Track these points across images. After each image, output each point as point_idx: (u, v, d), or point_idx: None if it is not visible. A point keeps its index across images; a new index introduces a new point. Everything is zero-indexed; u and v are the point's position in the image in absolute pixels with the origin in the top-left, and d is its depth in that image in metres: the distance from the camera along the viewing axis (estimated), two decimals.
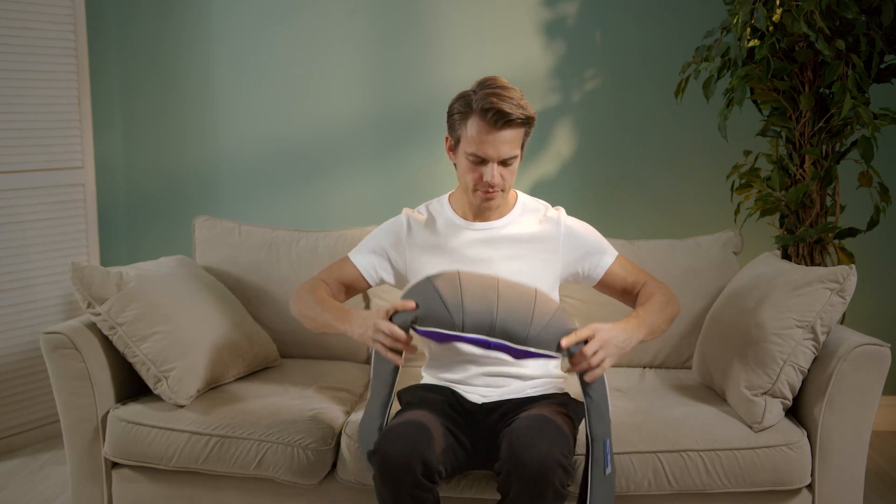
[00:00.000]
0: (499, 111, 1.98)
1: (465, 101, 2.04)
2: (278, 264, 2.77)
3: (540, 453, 1.78)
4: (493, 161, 2.03)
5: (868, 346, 2.10)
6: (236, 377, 2.51)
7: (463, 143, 2.05)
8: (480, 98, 2.00)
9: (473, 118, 2.02)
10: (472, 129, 2.02)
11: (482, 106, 1.99)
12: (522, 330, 1.83)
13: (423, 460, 1.79)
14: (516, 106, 1.99)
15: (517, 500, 1.80)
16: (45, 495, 2.72)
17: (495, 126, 1.99)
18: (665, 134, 3.24)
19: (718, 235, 2.72)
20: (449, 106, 2.09)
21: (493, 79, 2.06)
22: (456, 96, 2.08)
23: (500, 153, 2.02)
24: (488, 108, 1.98)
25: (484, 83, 2.05)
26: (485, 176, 2.04)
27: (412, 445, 1.80)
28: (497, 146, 2.01)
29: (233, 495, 2.25)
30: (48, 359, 2.29)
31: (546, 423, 1.88)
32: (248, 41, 3.38)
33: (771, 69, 2.54)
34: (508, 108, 1.98)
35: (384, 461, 1.81)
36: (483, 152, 2.02)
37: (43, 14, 3.03)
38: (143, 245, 3.46)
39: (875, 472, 2.81)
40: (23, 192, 3.03)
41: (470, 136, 2.02)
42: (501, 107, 1.97)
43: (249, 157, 3.43)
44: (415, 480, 1.79)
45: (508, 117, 1.98)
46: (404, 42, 3.31)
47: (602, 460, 1.94)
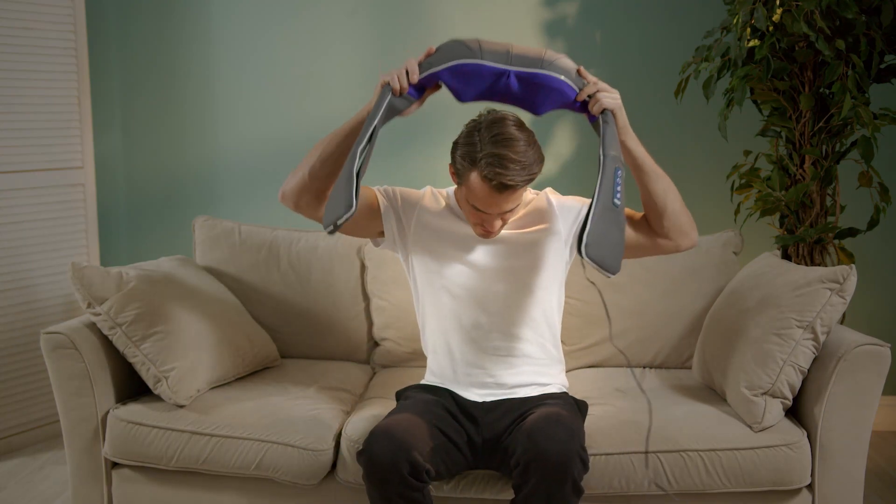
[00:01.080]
0: (502, 184, 1.89)
1: (471, 152, 1.92)
2: (278, 264, 2.77)
3: (560, 444, 1.77)
4: (493, 214, 1.98)
5: (868, 346, 2.10)
6: (236, 377, 2.51)
7: (465, 189, 1.97)
8: (485, 161, 1.88)
9: (475, 177, 1.92)
10: (475, 186, 1.93)
11: (485, 173, 1.89)
12: (537, 56, 1.94)
13: (410, 460, 1.79)
14: (521, 170, 1.88)
15: (535, 493, 1.79)
16: (45, 495, 2.72)
17: (498, 192, 1.91)
18: (665, 134, 3.24)
19: (718, 235, 2.72)
20: (454, 143, 1.99)
21: (501, 126, 1.92)
22: (463, 133, 1.97)
23: (501, 210, 1.97)
24: (491, 178, 1.88)
25: (491, 130, 1.92)
26: (485, 224, 2.00)
27: (398, 445, 1.80)
28: (499, 206, 1.95)
29: (233, 495, 2.25)
30: (48, 359, 2.29)
31: (561, 417, 1.88)
32: (248, 41, 3.38)
33: (771, 69, 2.54)
34: (511, 178, 1.88)
35: (371, 462, 1.81)
36: (485, 209, 1.96)
37: (43, 14, 3.03)
38: (143, 245, 3.46)
39: (875, 472, 2.81)
40: (23, 192, 3.03)
41: (472, 190, 1.94)
42: (504, 179, 1.87)
43: (249, 157, 3.42)
44: (402, 480, 1.79)
45: (512, 187, 1.90)
46: (404, 42, 3.31)
47: (611, 186, 1.90)
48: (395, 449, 1.80)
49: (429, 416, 1.97)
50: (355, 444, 2.11)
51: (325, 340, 2.75)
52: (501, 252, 2.12)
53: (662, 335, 2.62)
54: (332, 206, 1.88)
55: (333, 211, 1.86)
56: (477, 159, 1.90)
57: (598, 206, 1.86)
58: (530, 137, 1.94)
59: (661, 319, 2.62)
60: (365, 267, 2.76)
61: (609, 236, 1.86)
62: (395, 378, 2.57)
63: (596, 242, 1.84)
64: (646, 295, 2.63)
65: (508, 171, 1.87)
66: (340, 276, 2.74)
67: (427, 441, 1.88)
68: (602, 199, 1.87)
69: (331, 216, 1.87)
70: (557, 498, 1.78)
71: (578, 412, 2.10)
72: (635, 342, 2.63)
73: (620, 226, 1.90)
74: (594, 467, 2.05)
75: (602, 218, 1.86)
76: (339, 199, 1.85)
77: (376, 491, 1.83)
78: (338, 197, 1.86)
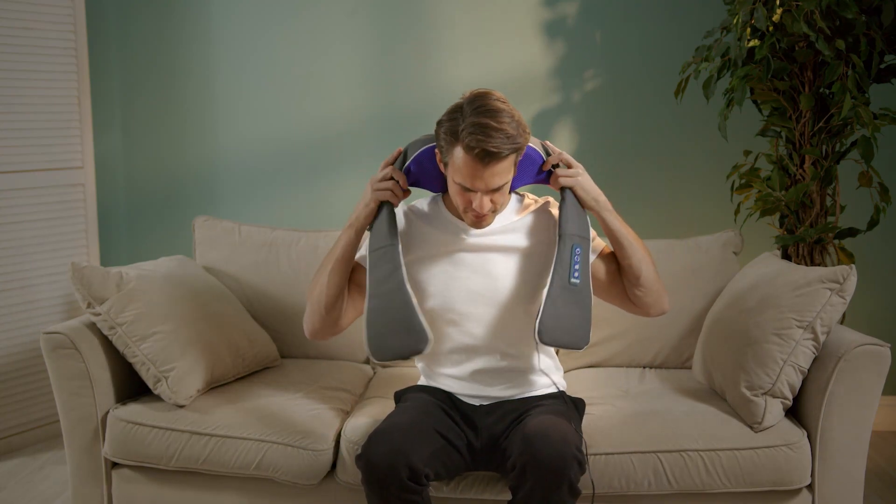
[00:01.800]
0: (485, 151, 1.83)
1: (453, 127, 1.88)
2: (278, 264, 2.77)
3: (556, 446, 1.77)
4: (481, 192, 1.92)
5: (868, 346, 2.10)
6: (236, 377, 2.51)
7: (451, 170, 1.93)
8: (467, 130, 1.84)
9: (459, 150, 1.87)
10: (459, 160, 1.88)
11: (468, 143, 1.84)
12: None
13: (408, 464, 1.79)
14: (505, 138, 1.84)
15: (532, 495, 1.79)
16: (45, 495, 2.72)
17: (482, 163, 1.86)
18: (665, 134, 3.24)
19: (718, 235, 2.72)
20: (437, 123, 1.95)
21: (483, 99, 1.89)
22: (446, 113, 1.94)
23: (488, 185, 1.90)
24: (474, 147, 1.84)
25: (473, 104, 1.88)
26: (473, 203, 1.93)
27: (397, 449, 1.80)
28: (486, 180, 1.89)
29: (233, 495, 2.25)
30: (48, 359, 2.29)
31: (558, 420, 1.88)
32: (248, 41, 3.38)
33: (771, 69, 2.54)
34: (496, 145, 1.83)
35: (369, 466, 1.81)
36: (471, 185, 1.90)
37: (43, 14, 3.03)
38: (143, 245, 3.46)
39: (875, 472, 2.80)
40: (23, 192, 3.03)
41: (457, 167, 1.90)
42: (487, 146, 1.82)
43: (249, 157, 3.42)
44: (401, 483, 1.79)
45: (496, 156, 1.85)
46: (404, 42, 3.31)
47: (568, 265, 1.94)
48: (394, 453, 1.80)
49: (427, 418, 1.97)
50: (354, 446, 2.11)
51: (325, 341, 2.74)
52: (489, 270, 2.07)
53: (662, 335, 2.62)
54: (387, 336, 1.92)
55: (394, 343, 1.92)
56: (459, 131, 1.86)
57: (553, 287, 1.93)
58: (514, 110, 1.91)
59: (660, 319, 2.60)
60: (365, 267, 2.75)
61: (567, 317, 1.93)
62: (394, 378, 2.57)
63: (551, 327, 1.92)
64: None
65: (492, 138, 1.83)
66: None
67: (425, 444, 1.88)
68: (558, 279, 1.94)
69: (392, 350, 1.92)
70: (554, 500, 1.78)
71: (576, 411, 2.10)
72: (635, 342, 2.63)
73: (582, 303, 1.96)
74: (594, 467, 2.06)
75: (559, 299, 1.93)
76: (400, 332, 1.91)
77: (375, 495, 1.83)
78: (395, 329, 1.91)
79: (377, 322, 1.95)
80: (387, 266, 1.96)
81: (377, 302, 1.95)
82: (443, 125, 1.92)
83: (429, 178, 2.08)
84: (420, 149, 2.05)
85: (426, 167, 2.05)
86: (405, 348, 1.93)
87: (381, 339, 1.94)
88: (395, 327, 1.93)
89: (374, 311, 1.95)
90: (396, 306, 1.93)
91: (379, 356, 1.96)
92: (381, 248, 1.99)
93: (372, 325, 1.95)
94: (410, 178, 2.07)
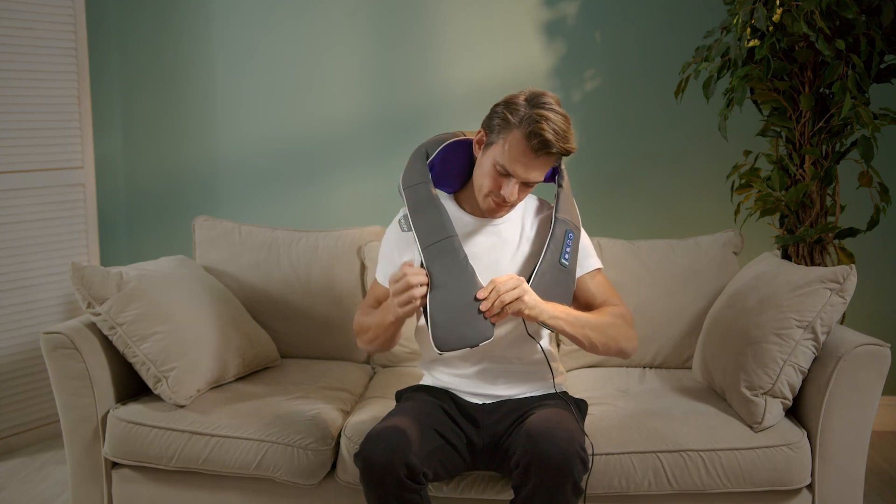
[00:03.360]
0: (544, 140, 1.90)
1: (513, 112, 1.94)
2: (278, 264, 2.77)
3: (561, 445, 1.77)
4: (517, 179, 1.97)
5: (868, 346, 2.10)
6: (236, 377, 2.51)
7: (494, 151, 1.97)
8: (529, 118, 1.91)
9: (515, 134, 1.93)
10: (512, 144, 1.93)
11: (529, 129, 1.90)
12: None
13: (406, 462, 1.80)
14: (561, 137, 1.91)
15: (536, 493, 1.78)
16: (45, 495, 2.72)
17: (534, 152, 1.92)
18: (665, 134, 3.24)
19: (718, 235, 2.72)
20: (493, 107, 2.01)
21: (546, 97, 1.96)
22: (503, 100, 1.99)
23: (528, 176, 1.96)
24: (535, 134, 1.90)
25: (536, 99, 1.95)
26: (503, 189, 1.97)
27: (394, 448, 1.81)
28: (528, 169, 1.95)
29: (233, 495, 2.25)
30: (48, 359, 2.29)
31: (562, 418, 1.89)
32: (248, 41, 3.38)
33: (771, 69, 2.54)
34: (554, 139, 1.90)
35: (367, 465, 1.82)
36: (512, 170, 1.94)
37: (43, 14, 3.03)
38: (143, 245, 3.46)
39: (875, 472, 2.80)
40: (23, 192, 3.03)
41: (505, 150, 1.94)
42: (547, 136, 1.90)
43: (249, 157, 3.43)
44: (399, 482, 1.80)
45: (550, 148, 1.91)
46: (404, 42, 3.31)
47: (561, 244, 2.01)
48: (392, 452, 1.80)
49: (426, 418, 1.97)
50: (355, 445, 2.11)
51: (325, 340, 2.75)
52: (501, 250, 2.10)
53: (662, 335, 2.63)
54: (459, 325, 1.90)
55: (467, 331, 1.89)
56: (522, 117, 1.92)
57: (544, 262, 1.98)
58: (569, 119, 1.98)
59: (661, 319, 2.62)
60: (365, 267, 2.76)
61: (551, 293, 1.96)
62: (395, 378, 2.57)
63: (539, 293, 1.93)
64: (646, 295, 2.63)
65: (555, 133, 1.90)
66: (340, 276, 2.75)
67: (424, 443, 1.88)
68: (549, 256, 1.99)
69: (465, 338, 1.90)
70: (558, 499, 1.78)
71: (578, 411, 2.10)
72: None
73: (566, 285, 2.01)
74: (595, 467, 2.06)
75: (548, 273, 1.98)
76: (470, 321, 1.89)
77: (373, 493, 1.83)
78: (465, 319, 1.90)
79: (445, 311, 1.90)
80: (451, 256, 1.96)
81: (445, 291, 1.92)
82: (501, 107, 1.98)
83: (448, 175, 2.12)
84: (440, 146, 2.09)
85: (450, 163, 2.09)
86: (477, 336, 1.90)
87: (451, 329, 1.90)
88: (466, 317, 1.90)
89: (442, 302, 1.91)
90: (467, 292, 1.91)
91: (448, 346, 1.90)
92: (441, 239, 1.98)
93: (440, 314, 1.90)
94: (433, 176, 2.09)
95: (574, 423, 1.91)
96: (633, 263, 2.69)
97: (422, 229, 2.01)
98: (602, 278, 2.15)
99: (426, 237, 1.99)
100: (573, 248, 2.04)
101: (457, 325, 1.89)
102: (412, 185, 2.08)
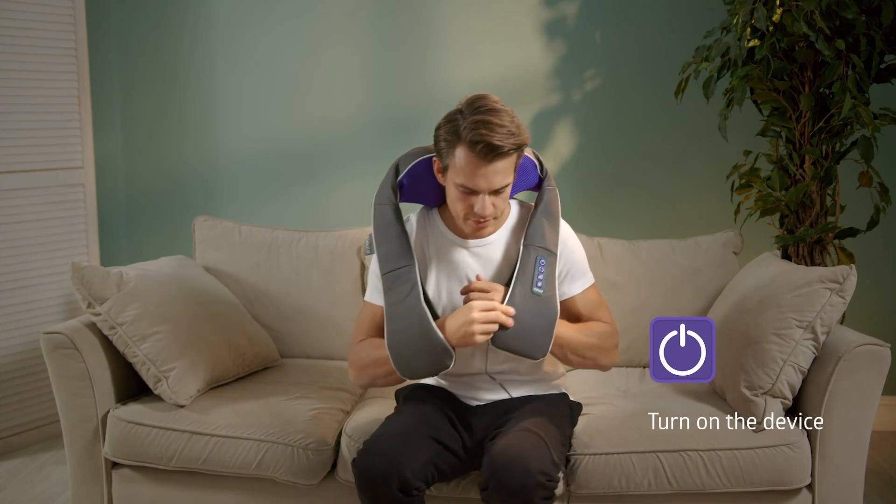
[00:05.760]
0: (488, 145, 1.82)
1: (453, 128, 1.88)
2: (278, 264, 2.77)
3: (519, 476, 1.78)
4: (483, 192, 1.89)
5: (868, 346, 2.10)
6: (236, 377, 2.51)
7: (451, 173, 1.91)
8: (469, 127, 1.84)
9: (462, 148, 1.86)
10: (461, 160, 1.87)
11: (471, 138, 1.83)
12: None
13: (399, 476, 1.82)
14: (507, 135, 1.83)
15: None
16: (45, 495, 2.72)
17: (485, 159, 1.84)
18: (665, 134, 3.24)
19: (718, 235, 2.72)
20: (436, 129, 1.94)
21: (483, 100, 1.89)
22: (444, 118, 1.93)
23: (491, 185, 1.88)
24: (477, 142, 1.82)
25: (473, 105, 1.88)
26: (475, 207, 1.90)
27: (389, 461, 1.83)
28: (488, 178, 1.87)
29: (233, 495, 2.25)
30: (48, 359, 2.29)
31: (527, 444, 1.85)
32: (248, 41, 3.38)
33: (771, 69, 2.54)
34: (499, 139, 1.82)
35: (362, 474, 1.85)
36: (473, 185, 1.88)
37: (43, 14, 3.03)
38: (143, 245, 3.46)
39: (875, 472, 2.80)
40: (23, 192, 3.03)
41: (459, 167, 1.88)
42: (491, 140, 1.81)
43: (249, 157, 3.42)
44: (391, 495, 1.82)
45: (499, 150, 1.83)
46: (404, 42, 3.31)
47: (531, 274, 1.94)
48: (386, 464, 1.82)
49: (423, 426, 1.96)
50: (355, 443, 2.11)
51: (325, 340, 2.74)
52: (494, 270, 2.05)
53: None
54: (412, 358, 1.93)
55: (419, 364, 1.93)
56: (461, 129, 1.85)
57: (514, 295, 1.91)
58: (512, 112, 1.90)
59: None
60: (365, 267, 2.76)
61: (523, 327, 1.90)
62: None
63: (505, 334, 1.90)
64: (646, 295, 2.63)
65: (496, 133, 1.82)
66: (340, 276, 2.75)
67: (419, 454, 1.88)
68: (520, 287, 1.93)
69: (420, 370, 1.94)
70: None
71: (568, 415, 2.10)
72: (635, 342, 2.63)
73: (544, 313, 1.94)
74: (595, 466, 2.06)
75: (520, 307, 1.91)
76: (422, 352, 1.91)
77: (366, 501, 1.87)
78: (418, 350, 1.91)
79: (399, 344, 1.93)
80: (404, 287, 1.95)
81: (396, 324, 1.94)
82: (442, 128, 1.92)
83: (423, 191, 2.08)
84: (413, 161, 2.04)
85: (421, 179, 2.04)
86: (431, 367, 1.93)
87: (405, 361, 1.93)
88: (417, 347, 1.92)
89: (394, 333, 1.94)
90: (414, 325, 1.91)
91: (408, 376, 1.96)
92: (397, 269, 1.97)
93: (394, 348, 1.93)
94: (404, 193, 2.06)
95: (539, 450, 1.85)
96: (633, 263, 2.69)
97: (381, 254, 1.99)
98: (592, 294, 2.11)
99: (384, 264, 1.98)
100: (547, 274, 1.96)
101: (410, 357, 1.92)
102: (379, 205, 2.04)
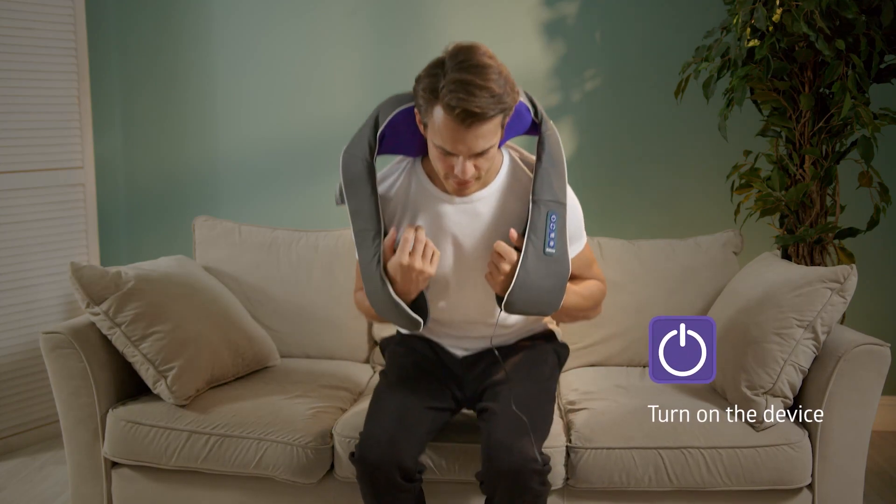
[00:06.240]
0: (467, 111, 1.65)
1: (433, 83, 1.69)
2: (278, 264, 2.77)
3: (515, 463, 1.82)
4: (463, 156, 1.75)
5: (868, 346, 2.10)
6: (236, 377, 2.51)
7: (430, 132, 1.74)
8: (448, 87, 1.66)
9: (439, 108, 1.69)
10: (439, 121, 1.70)
11: (448, 101, 1.65)
12: None
13: (399, 464, 1.85)
14: (490, 98, 1.65)
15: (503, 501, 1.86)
16: (45, 495, 2.72)
17: (463, 124, 1.67)
18: (665, 134, 3.24)
19: (718, 235, 2.72)
20: (416, 80, 1.75)
21: (468, 53, 1.69)
22: (425, 69, 1.74)
23: (471, 149, 1.72)
24: (454, 106, 1.65)
25: (456, 58, 1.68)
26: (455, 169, 1.76)
27: (389, 450, 1.85)
28: (468, 143, 1.71)
29: (232, 494, 2.25)
30: (48, 359, 2.29)
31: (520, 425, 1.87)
32: (248, 41, 3.38)
33: (771, 69, 2.54)
34: (479, 105, 1.64)
35: (362, 465, 1.88)
36: (453, 148, 1.72)
37: (43, 14, 3.03)
38: (143, 245, 3.46)
39: (875, 472, 2.80)
40: (23, 192, 3.03)
41: (437, 128, 1.71)
42: (469, 106, 1.64)
43: (249, 157, 3.42)
44: (393, 483, 1.85)
45: (480, 117, 1.66)
46: (404, 42, 3.31)
47: (543, 233, 1.82)
48: (385, 454, 1.85)
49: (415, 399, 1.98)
50: (345, 440, 2.13)
51: (325, 340, 2.75)
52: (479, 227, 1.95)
53: None
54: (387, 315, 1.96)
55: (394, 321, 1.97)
56: (439, 88, 1.67)
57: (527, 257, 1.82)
58: (503, 66, 1.72)
59: None
60: None
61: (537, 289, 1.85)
62: None
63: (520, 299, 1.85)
64: (646, 294, 2.63)
65: (476, 97, 1.64)
66: (340, 275, 2.74)
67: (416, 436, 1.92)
68: (532, 248, 1.83)
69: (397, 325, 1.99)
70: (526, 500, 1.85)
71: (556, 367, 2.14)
72: (635, 342, 2.63)
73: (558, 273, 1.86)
74: (595, 461, 2.07)
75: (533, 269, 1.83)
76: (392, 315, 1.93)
77: (369, 492, 1.90)
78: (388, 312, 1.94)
79: (375, 304, 1.95)
80: (369, 250, 1.87)
81: (368, 286, 1.92)
82: (421, 81, 1.73)
83: (405, 142, 1.92)
84: (394, 111, 1.86)
85: (402, 130, 1.88)
86: (407, 327, 1.95)
87: (386, 317, 1.97)
88: (388, 311, 1.92)
89: (369, 293, 1.94)
90: (383, 297, 1.89)
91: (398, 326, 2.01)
92: (364, 230, 1.88)
93: (374, 304, 1.96)
94: (385, 145, 1.90)
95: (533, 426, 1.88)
96: (633, 263, 2.69)
97: (351, 210, 1.88)
98: (587, 252, 2.06)
99: (354, 220, 1.89)
100: (559, 230, 1.84)
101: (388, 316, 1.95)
102: (350, 155, 1.87)
